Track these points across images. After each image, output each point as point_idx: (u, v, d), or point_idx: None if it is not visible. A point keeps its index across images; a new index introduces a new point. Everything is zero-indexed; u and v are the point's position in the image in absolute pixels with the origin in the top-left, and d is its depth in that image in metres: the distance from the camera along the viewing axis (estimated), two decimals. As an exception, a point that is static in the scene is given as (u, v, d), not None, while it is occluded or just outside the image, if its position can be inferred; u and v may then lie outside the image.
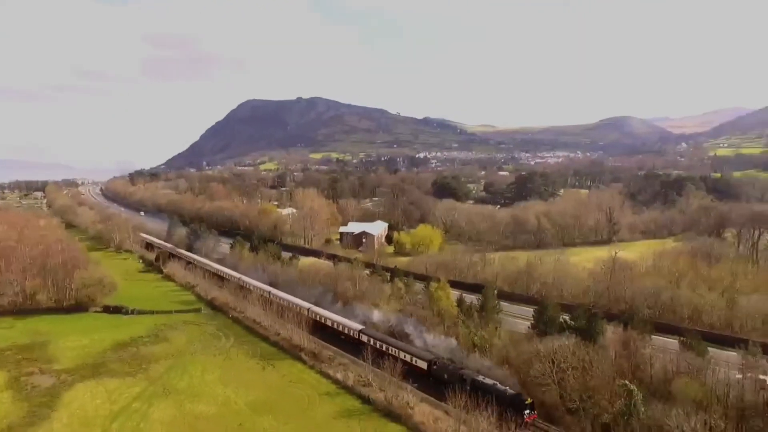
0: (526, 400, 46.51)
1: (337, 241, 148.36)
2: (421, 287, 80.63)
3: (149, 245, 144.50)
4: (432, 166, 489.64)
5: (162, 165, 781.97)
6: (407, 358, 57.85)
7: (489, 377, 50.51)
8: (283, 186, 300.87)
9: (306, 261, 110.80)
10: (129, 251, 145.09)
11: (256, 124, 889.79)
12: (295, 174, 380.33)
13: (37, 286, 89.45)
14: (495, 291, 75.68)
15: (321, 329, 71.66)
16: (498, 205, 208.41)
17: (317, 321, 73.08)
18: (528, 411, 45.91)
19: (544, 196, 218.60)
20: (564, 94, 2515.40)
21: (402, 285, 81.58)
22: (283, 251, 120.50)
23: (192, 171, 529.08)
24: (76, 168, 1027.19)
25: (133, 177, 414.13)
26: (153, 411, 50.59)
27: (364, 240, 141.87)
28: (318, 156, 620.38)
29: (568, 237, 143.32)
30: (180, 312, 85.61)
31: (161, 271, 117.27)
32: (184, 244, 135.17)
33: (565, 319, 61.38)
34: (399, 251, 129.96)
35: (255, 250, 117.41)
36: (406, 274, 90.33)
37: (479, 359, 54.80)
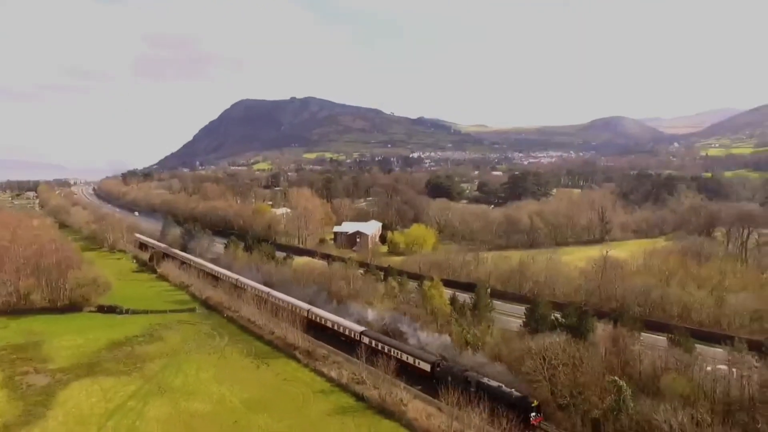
0: (532, 402, 45.84)
1: (332, 241, 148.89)
2: (415, 286, 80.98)
3: (143, 245, 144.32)
4: (426, 165, 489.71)
5: (155, 165, 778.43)
6: (410, 360, 57.46)
7: (494, 379, 49.65)
8: (277, 186, 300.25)
9: (300, 260, 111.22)
10: (123, 251, 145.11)
11: (249, 123, 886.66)
12: (289, 174, 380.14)
13: (31, 286, 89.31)
14: (488, 289, 76.41)
15: (321, 331, 71.28)
16: (491, 205, 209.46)
17: (318, 323, 72.59)
18: (534, 413, 45.32)
19: (537, 195, 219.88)
20: (557, 94, 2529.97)
21: (396, 284, 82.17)
22: (278, 251, 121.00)
23: (185, 171, 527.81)
24: (68, 168, 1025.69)
25: (126, 177, 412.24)
26: (148, 409, 50.91)
27: (358, 240, 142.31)
28: (312, 156, 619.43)
29: (560, 236, 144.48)
30: (174, 311, 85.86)
31: (155, 271, 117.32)
32: (178, 244, 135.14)
33: (557, 317, 61.99)
34: (393, 251, 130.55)
35: (249, 249, 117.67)
36: (399, 273, 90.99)
37: (480, 358, 55.09)
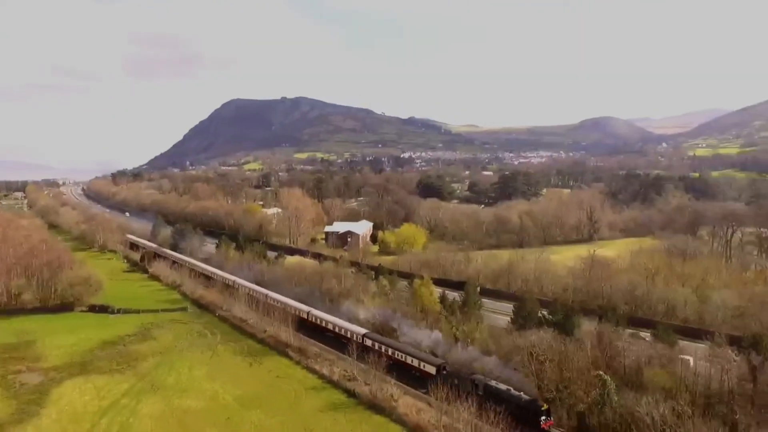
0: (542, 406, 44.57)
1: (323, 241, 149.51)
2: (405, 285, 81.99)
3: (134, 245, 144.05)
4: (417, 165, 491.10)
5: (144, 165, 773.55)
6: (414, 362, 56.54)
7: (502, 382, 48.49)
8: (268, 186, 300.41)
9: (292, 260, 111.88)
10: (113, 251, 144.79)
11: (240, 123, 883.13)
12: (280, 174, 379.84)
13: (22, 286, 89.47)
14: (477, 288, 77.58)
15: (320, 333, 70.82)
16: (482, 205, 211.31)
17: (318, 325, 71.99)
18: (544, 417, 43.95)
19: (527, 195, 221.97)
20: (547, 94, 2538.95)
21: (386, 282, 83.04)
22: (269, 251, 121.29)
23: (175, 171, 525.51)
24: (56, 168, 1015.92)
25: (116, 177, 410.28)
26: (141, 406, 51.41)
27: (349, 239, 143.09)
28: (303, 156, 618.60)
29: (549, 236, 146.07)
30: (166, 311, 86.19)
31: (146, 271, 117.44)
32: (169, 243, 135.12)
33: (544, 314, 63.20)
34: (384, 250, 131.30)
35: (241, 249, 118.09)
36: (390, 272, 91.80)
37: (472, 352, 55.58)
